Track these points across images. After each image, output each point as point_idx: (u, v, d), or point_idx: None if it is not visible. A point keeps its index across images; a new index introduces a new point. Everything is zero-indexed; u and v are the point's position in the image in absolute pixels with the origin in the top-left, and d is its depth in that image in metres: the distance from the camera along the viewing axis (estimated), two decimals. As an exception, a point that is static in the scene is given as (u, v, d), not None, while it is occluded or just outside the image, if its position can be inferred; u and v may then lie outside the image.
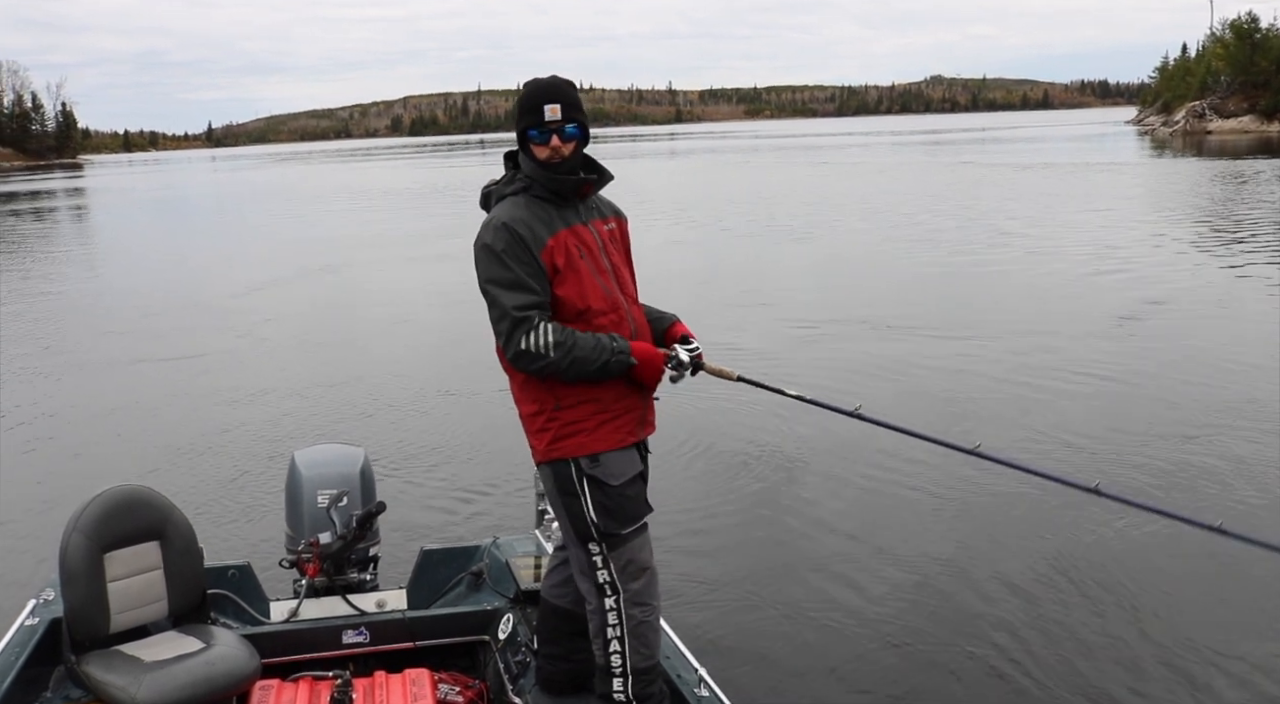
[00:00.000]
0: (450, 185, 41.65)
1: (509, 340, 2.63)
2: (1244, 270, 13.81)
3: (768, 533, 5.59)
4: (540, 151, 2.70)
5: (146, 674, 2.80)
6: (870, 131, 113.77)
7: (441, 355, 10.43)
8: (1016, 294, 12.67)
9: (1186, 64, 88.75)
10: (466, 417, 7.96)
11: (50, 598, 3.31)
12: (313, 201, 36.91)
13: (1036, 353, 9.43)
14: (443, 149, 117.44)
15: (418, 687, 3.08)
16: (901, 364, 9.16)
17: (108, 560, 2.99)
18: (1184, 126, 73.24)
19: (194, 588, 3.17)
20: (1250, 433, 6.87)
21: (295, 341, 11.54)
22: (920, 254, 16.07)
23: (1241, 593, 4.66)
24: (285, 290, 15.63)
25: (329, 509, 3.50)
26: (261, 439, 7.52)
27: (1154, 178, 32.09)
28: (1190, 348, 9.45)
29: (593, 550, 2.75)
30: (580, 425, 2.71)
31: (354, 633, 3.34)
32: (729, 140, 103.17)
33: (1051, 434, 7.04)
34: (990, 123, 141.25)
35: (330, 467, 3.65)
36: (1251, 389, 7.94)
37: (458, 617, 3.46)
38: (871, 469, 6.44)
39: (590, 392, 2.70)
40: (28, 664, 3.03)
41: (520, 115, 2.74)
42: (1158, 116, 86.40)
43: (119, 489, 3.11)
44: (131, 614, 3.04)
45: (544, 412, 2.73)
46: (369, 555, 3.63)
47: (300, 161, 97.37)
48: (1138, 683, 4.01)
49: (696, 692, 2.83)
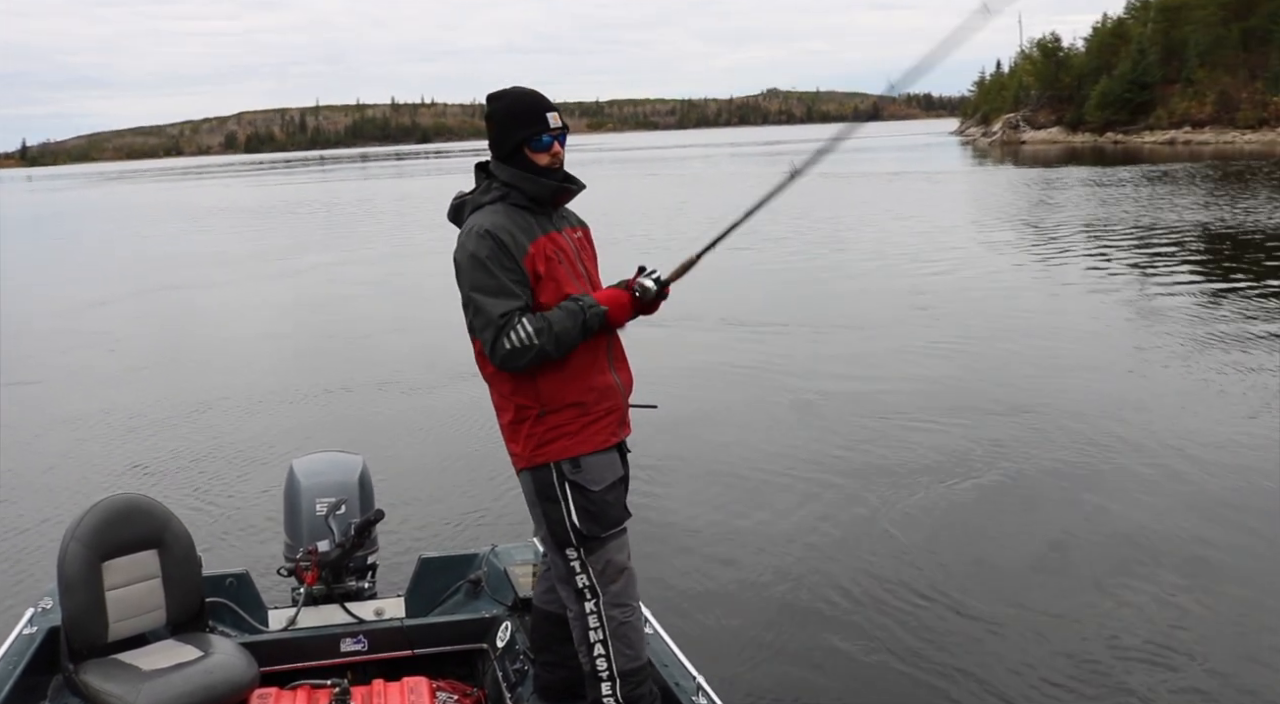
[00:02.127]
0: (292, 203, 41.38)
1: (494, 346, 2.65)
2: (1050, 266, 15.42)
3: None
4: (541, 158, 2.77)
5: (145, 683, 2.80)
6: (710, 143, 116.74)
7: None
8: (836, 291, 13.83)
9: (1001, 79, 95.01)
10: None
11: (48, 607, 3.31)
12: (151, 221, 35.86)
13: (837, 342, 10.51)
14: (281, 166, 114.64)
15: (416, 695, 3.07)
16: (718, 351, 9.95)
17: (106, 569, 2.99)
18: (1001, 137, 78.10)
19: (192, 596, 3.17)
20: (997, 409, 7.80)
21: (161, 360, 11.32)
22: (748, 258, 16.40)
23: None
24: (132, 308, 15.23)
25: (327, 517, 3.50)
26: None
27: (978, 185, 35.19)
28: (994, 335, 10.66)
29: (570, 556, 2.78)
30: (564, 429, 2.74)
31: (352, 641, 3.35)
32: (573, 153, 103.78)
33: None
34: (825, 134, 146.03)
35: (329, 475, 3.66)
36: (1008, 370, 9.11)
37: (456, 625, 3.46)
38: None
39: (573, 395, 2.74)
40: (26, 673, 3.02)
41: (517, 126, 2.76)
42: (977, 128, 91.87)
43: (117, 498, 3.11)
44: (130, 623, 3.04)
45: (527, 418, 2.75)
46: (367, 563, 3.64)
47: (130, 180, 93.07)
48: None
49: (695, 699, 2.83)
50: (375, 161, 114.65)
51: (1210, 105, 61.37)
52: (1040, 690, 3.98)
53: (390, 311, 13.85)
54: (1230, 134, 58.07)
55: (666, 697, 2.87)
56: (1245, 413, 7.45)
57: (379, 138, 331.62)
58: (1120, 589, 4.79)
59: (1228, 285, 13.03)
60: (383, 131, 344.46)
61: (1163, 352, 9.55)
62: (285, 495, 3.70)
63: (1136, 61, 67.44)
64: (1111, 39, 74.41)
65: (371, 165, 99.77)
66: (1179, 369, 8.90)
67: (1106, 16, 79.73)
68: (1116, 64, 69.57)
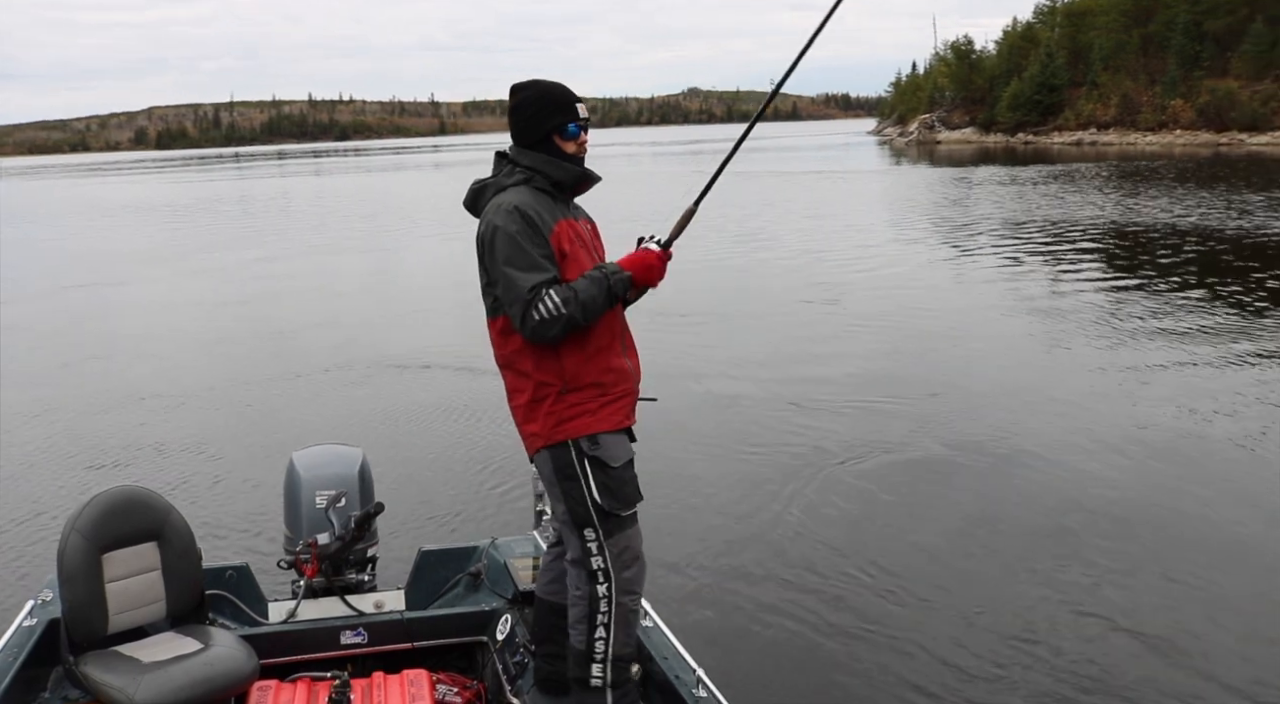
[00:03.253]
0: (209, 200, 40.48)
1: (524, 318, 2.68)
2: (961, 259, 16.35)
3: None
4: (569, 146, 2.85)
5: (145, 675, 2.79)
6: (632, 142, 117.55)
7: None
8: (752, 286, 14.33)
9: (916, 80, 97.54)
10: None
11: (48, 599, 3.28)
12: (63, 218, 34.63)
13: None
14: (194, 163, 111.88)
15: (416, 687, 3.07)
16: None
17: (106, 561, 2.98)
18: (917, 137, 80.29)
19: (192, 589, 3.16)
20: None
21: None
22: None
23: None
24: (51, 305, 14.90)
25: (327, 510, 3.49)
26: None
27: (895, 184, 36.16)
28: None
29: (589, 536, 2.80)
30: (584, 406, 2.78)
31: (352, 634, 3.34)
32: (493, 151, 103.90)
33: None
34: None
35: (328, 467, 3.63)
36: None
37: (456, 617, 3.46)
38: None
39: (593, 375, 2.80)
40: (25, 665, 3.00)
41: (547, 113, 2.83)
42: (894, 128, 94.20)
43: (117, 490, 3.10)
44: (130, 615, 3.03)
45: (548, 396, 2.78)
46: (367, 556, 3.61)
47: (35, 176, 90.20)
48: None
49: (695, 692, 2.83)
50: (293, 159, 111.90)
51: (1114, 108, 63.71)
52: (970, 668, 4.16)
53: (346, 304, 13.89)
54: (1132, 136, 60.38)
55: (666, 689, 2.89)
56: (1137, 393, 8.10)
57: (296, 135, 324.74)
58: (1040, 562, 5.14)
59: (1124, 276, 13.97)
60: (300, 129, 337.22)
61: (1061, 337, 10.24)
62: (285, 488, 3.67)
63: (1045, 65, 69.66)
64: (1021, 42, 76.74)
65: (290, 163, 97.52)
66: (1079, 354, 9.53)
67: (1016, 20, 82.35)
68: (1026, 67, 71.79)
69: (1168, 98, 59.75)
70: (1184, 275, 13.75)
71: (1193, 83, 58.93)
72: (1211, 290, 12.56)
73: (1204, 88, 57.71)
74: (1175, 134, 57.87)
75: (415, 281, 16.47)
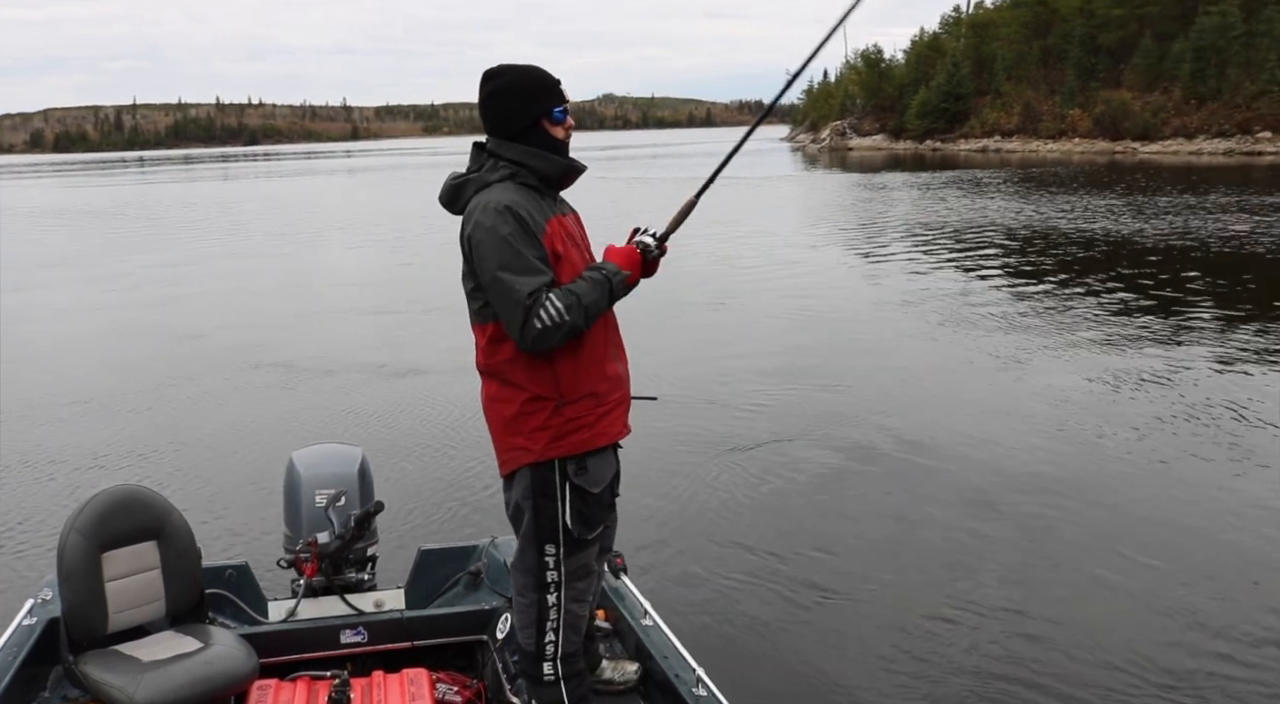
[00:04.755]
0: (110, 206, 38.95)
1: (524, 327, 2.51)
2: (871, 260, 17.02)
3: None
4: (558, 132, 2.68)
5: (144, 674, 2.78)
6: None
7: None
8: (659, 290, 14.69)
9: (828, 87, 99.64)
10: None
11: (48, 598, 3.26)
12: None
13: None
14: (95, 167, 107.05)
15: (415, 686, 3.06)
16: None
17: (105, 560, 2.97)
18: (829, 143, 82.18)
19: (192, 588, 3.15)
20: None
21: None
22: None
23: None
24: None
25: (327, 509, 3.47)
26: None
27: (808, 189, 37.35)
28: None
29: (549, 551, 2.71)
30: (581, 421, 2.64)
31: (352, 633, 3.32)
32: (408, 157, 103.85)
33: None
34: (661, 139, 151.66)
35: (328, 466, 3.61)
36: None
37: (455, 616, 3.44)
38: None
39: (589, 385, 2.66)
40: (25, 664, 2.99)
41: (533, 98, 2.65)
42: (807, 134, 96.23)
43: (117, 489, 3.08)
44: (129, 614, 3.02)
45: (542, 410, 2.63)
46: (367, 555, 3.60)
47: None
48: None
49: (695, 691, 2.83)
50: (200, 164, 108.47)
51: (1017, 116, 65.94)
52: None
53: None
54: (1034, 143, 62.59)
55: (666, 688, 2.91)
56: (1030, 383, 8.60)
57: (203, 139, 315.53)
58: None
59: (1025, 274, 14.78)
60: (207, 133, 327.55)
61: (957, 332, 10.76)
62: (285, 487, 3.64)
63: (951, 74, 71.71)
64: (928, 52, 78.92)
65: (197, 167, 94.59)
66: (984, 346, 10.05)
67: (924, 31, 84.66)
68: (933, 76, 73.88)
69: (1066, 107, 62.05)
70: (1077, 273, 14.62)
71: (1089, 93, 61.28)
72: (1104, 286, 13.42)
73: (1100, 98, 60.08)
74: (1074, 142, 60.14)
75: (331, 283, 16.33)
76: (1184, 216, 21.64)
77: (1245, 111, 52.30)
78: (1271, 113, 50.91)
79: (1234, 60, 53.64)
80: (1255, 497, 5.88)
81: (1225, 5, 54.34)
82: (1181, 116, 55.45)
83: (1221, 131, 53.00)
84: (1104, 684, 4.03)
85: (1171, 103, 56.40)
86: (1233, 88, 53.34)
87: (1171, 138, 54.83)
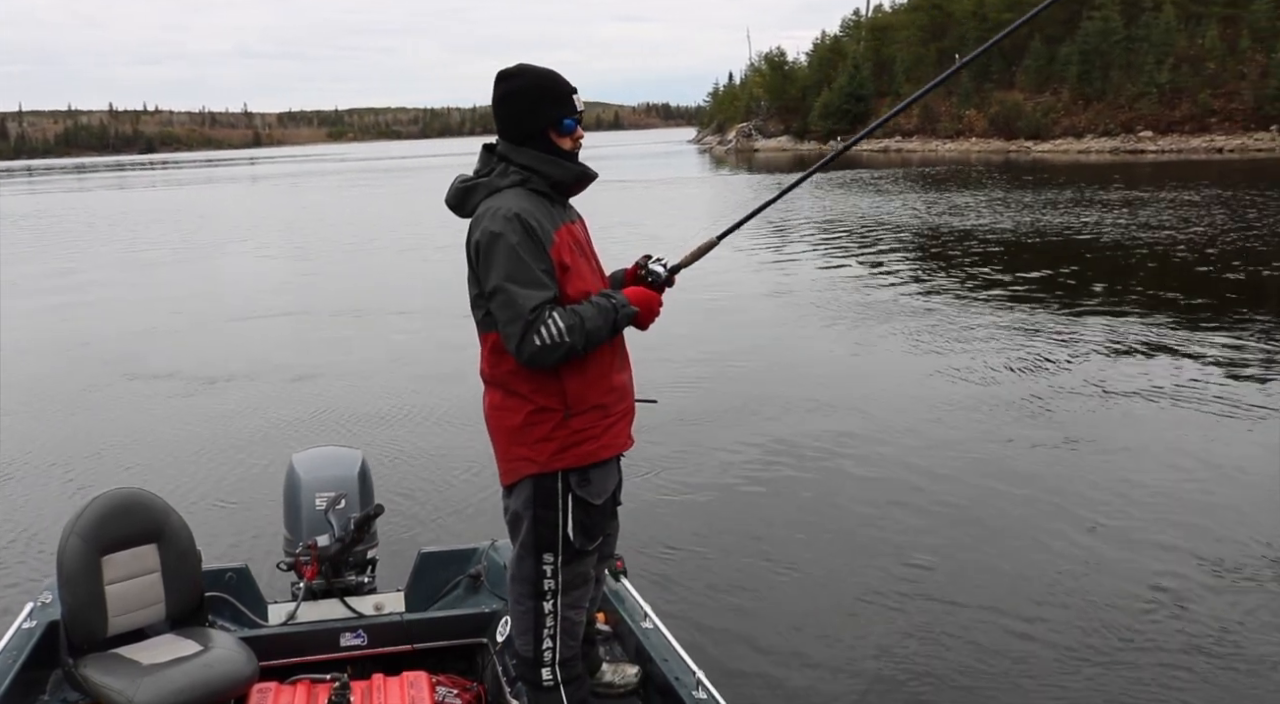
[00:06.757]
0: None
1: (522, 342, 2.47)
2: (779, 257, 17.54)
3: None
4: (565, 142, 2.63)
5: (144, 677, 2.78)
6: (454, 152, 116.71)
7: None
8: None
9: (733, 90, 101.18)
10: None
11: (48, 601, 3.25)
12: None
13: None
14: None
15: (415, 689, 3.06)
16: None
17: (105, 563, 2.97)
18: (736, 145, 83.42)
19: (192, 591, 3.14)
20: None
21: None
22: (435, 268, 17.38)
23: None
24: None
25: (327, 512, 3.47)
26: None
27: (715, 190, 38.02)
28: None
29: (547, 560, 2.68)
30: (588, 433, 2.61)
31: (352, 636, 3.31)
32: (313, 163, 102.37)
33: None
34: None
35: (328, 469, 3.60)
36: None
37: (456, 619, 3.43)
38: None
39: (596, 396, 2.63)
40: (25, 667, 2.97)
41: (544, 105, 2.60)
42: (714, 136, 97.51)
43: (117, 492, 3.07)
44: (129, 617, 3.02)
45: (548, 421, 2.59)
46: (367, 558, 3.59)
47: None
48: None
49: (695, 694, 2.83)
50: (93, 173, 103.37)
51: (916, 117, 67.87)
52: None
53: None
54: (933, 143, 64.45)
55: (667, 692, 2.91)
56: (938, 376, 8.98)
57: (96, 147, 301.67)
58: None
59: (926, 266, 15.75)
60: (100, 141, 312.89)
61: (861, 326, 11.28)
62: (285, 490, 3.62)
63: (852, 76, 73.27)
64: (830, 54, 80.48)
65: (89, 177, 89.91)
66: (891, 343, 10.47)
67: (825, 34, 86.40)
68: (835, 78, 75.57)
69: (963, 108, 64.05)
70: (973, 267, 15.38)
71: (984, 94, 63.33)
72: (997, 278, 14.14)
73: (994, 99, 62.17)
74: (971, 141, 62.16)
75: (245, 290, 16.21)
76: (1075, 212, 22.92)
77: (1128, 112, 54.72)
78: (1151, 113, 53.46)
79: (1116, 63, 56.03)
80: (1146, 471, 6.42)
81: (1107, 10, 56.90)
82: (1070, 116, 57.70)
83: (1107, 131, 55.28)
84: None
85: (1061, 103, 58.65)
86: (1116, 89, 55.67)
87: (1062, 137, 56.91)
